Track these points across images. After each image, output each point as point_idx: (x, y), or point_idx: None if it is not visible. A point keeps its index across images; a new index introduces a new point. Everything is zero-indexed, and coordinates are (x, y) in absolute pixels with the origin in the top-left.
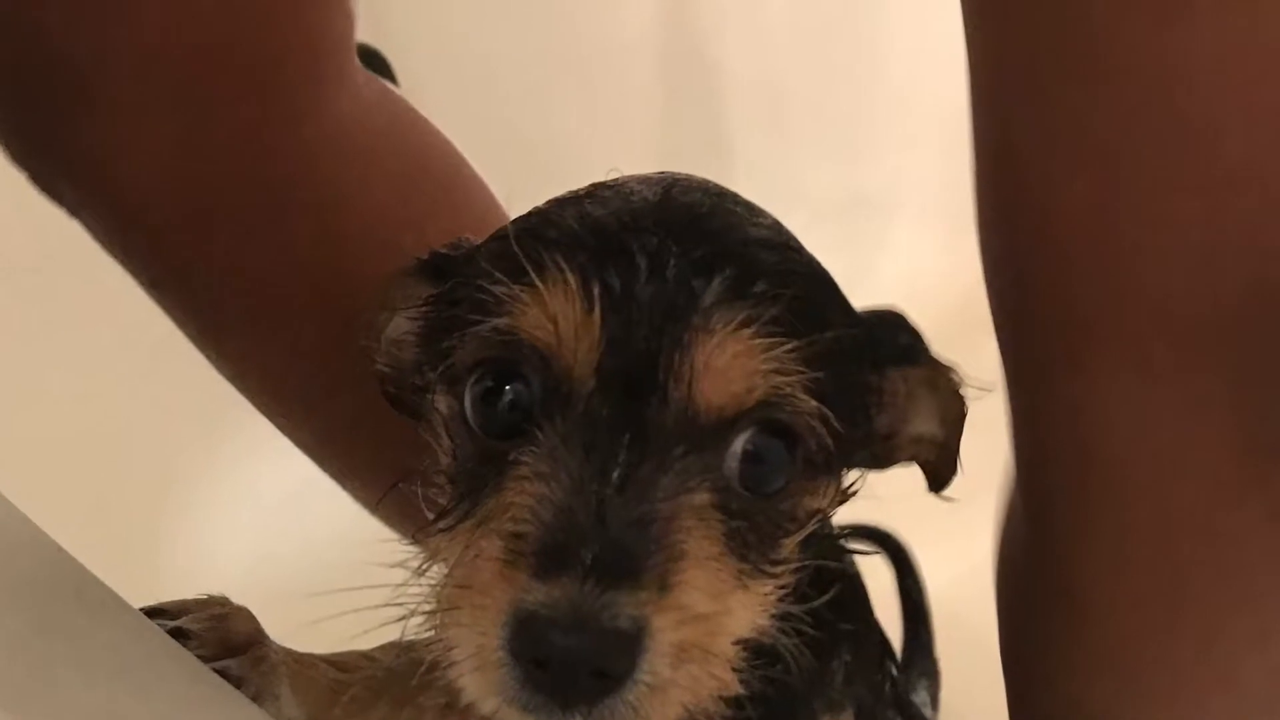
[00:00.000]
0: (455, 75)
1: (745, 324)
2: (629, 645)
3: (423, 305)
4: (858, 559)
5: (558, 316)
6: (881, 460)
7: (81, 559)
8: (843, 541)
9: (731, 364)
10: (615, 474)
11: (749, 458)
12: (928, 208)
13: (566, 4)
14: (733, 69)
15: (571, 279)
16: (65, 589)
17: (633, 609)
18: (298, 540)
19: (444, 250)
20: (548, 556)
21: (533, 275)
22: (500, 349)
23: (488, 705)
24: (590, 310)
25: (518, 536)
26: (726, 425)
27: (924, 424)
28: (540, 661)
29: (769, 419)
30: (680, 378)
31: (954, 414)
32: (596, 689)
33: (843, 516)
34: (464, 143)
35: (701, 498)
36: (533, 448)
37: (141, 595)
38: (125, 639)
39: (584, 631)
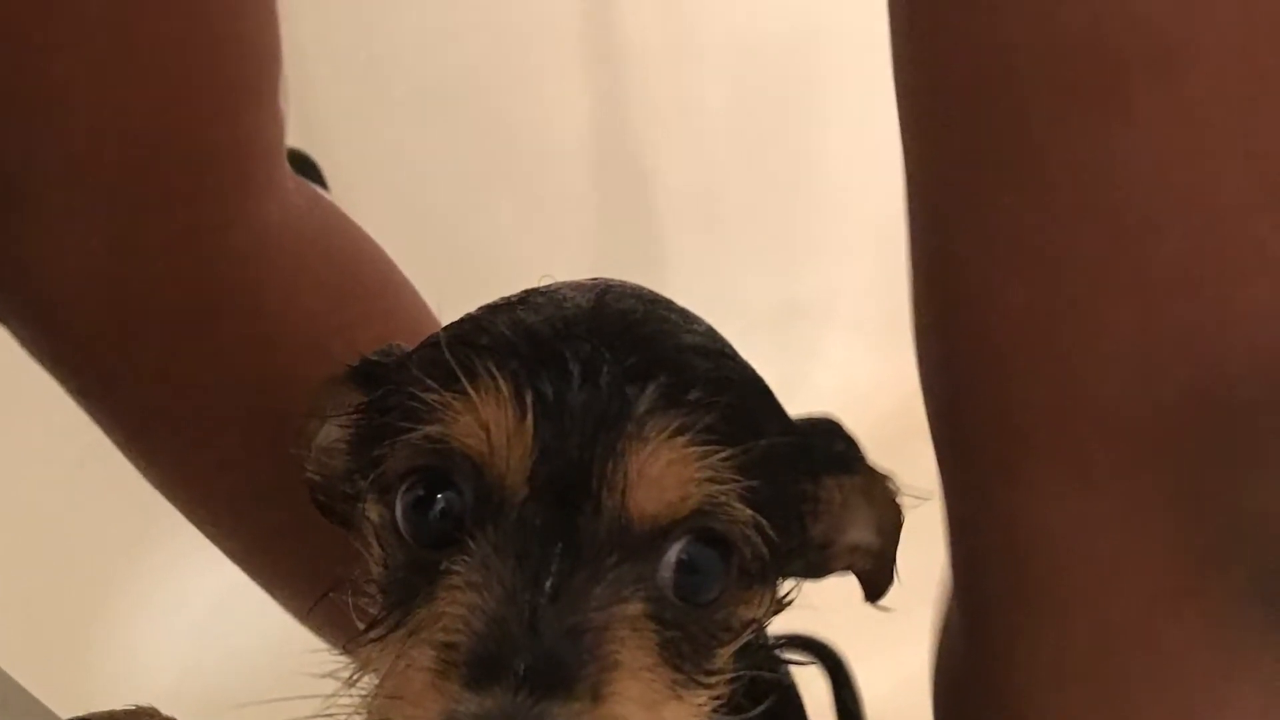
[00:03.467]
0: (386, 181)
1: (679, 432)
2: None
3: (353, 413)
4: (793, 669)
5: (490, 424)
6: (817, 569)
7: (7, 668)
8: (778, 651)
9: (665, 472)
10: (548, 583)
11: (683, 567)
12: (863, 316)
13: (499, 110)
14: (667, 176)
15: (504, 386)
16: None
17: (566, 719)
18: (227, 649)
19: (375, 357)
20: (480, 666)
21: (465, 382)
22: (432, 457)
23: None
24: (523, 418)
25: (449, 646)
26: (660, 534)
27: (860, 533)
28: None
29: (703, 528)
30: (614, 486)
31: (890, 523)
32: None
33: (778, 626)
34: (395, 249)
35: (635, 607)
36: (465, 557)
37: (69, 705)
38: None
39: None
